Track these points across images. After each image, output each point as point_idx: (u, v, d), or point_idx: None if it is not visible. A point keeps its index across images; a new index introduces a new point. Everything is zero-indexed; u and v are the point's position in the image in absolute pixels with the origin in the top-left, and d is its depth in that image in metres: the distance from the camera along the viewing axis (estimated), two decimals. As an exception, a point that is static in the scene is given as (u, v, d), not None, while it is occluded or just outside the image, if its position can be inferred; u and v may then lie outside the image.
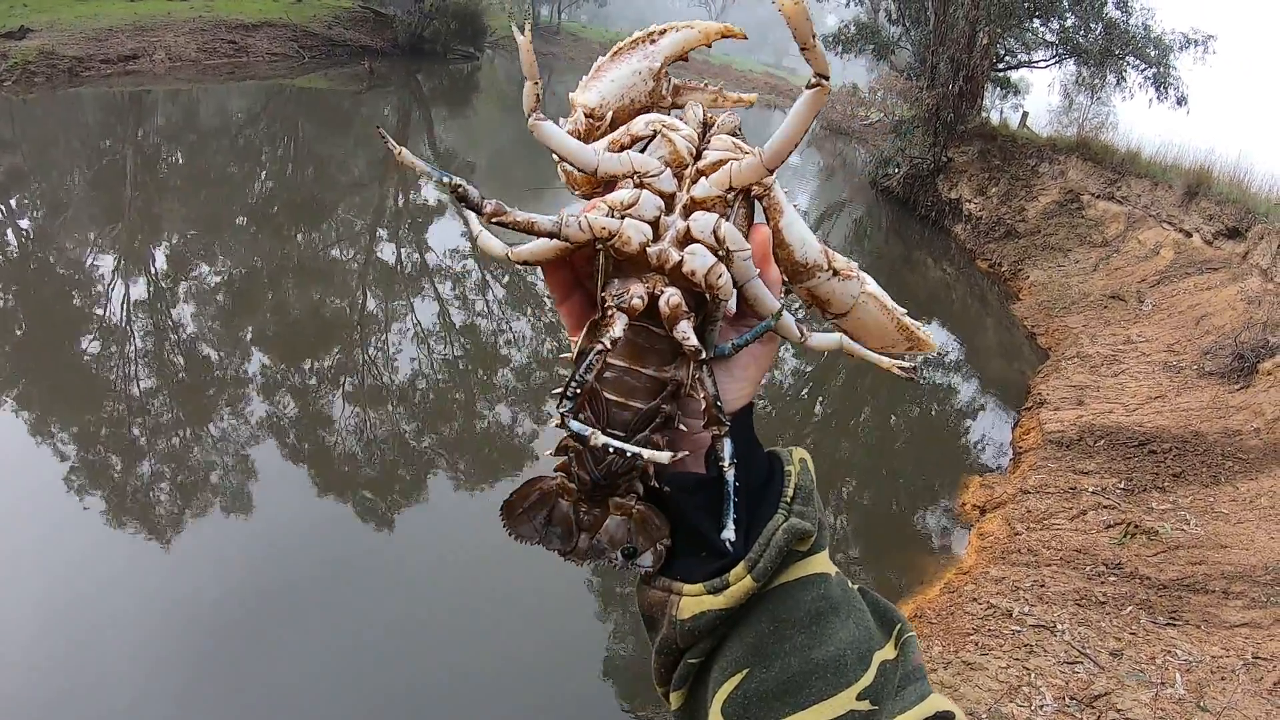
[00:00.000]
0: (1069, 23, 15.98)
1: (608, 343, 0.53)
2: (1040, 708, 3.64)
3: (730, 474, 0.54)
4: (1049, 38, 16.52)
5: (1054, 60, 16.92)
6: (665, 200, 0.56)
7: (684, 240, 0.55)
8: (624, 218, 0.54)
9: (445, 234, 11.52)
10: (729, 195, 0.56)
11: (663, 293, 0.54)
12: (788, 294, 0.61)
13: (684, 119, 0.60)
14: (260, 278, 9.38)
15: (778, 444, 0.61)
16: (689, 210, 0.56)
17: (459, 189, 0.52)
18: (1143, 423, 6.79)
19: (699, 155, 0.58)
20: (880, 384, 8.15)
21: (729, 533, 0.53)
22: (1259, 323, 7.67)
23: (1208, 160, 10.94)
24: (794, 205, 0.58)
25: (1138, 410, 7.06)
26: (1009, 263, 12.15)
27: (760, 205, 0.58)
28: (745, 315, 0.59)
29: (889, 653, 0.55)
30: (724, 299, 0.55)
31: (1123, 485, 5.87)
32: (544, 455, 0.67)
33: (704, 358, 0.54)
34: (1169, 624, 4.28)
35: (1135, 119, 15.76)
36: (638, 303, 0.54)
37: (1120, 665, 3.95)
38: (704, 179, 0.56)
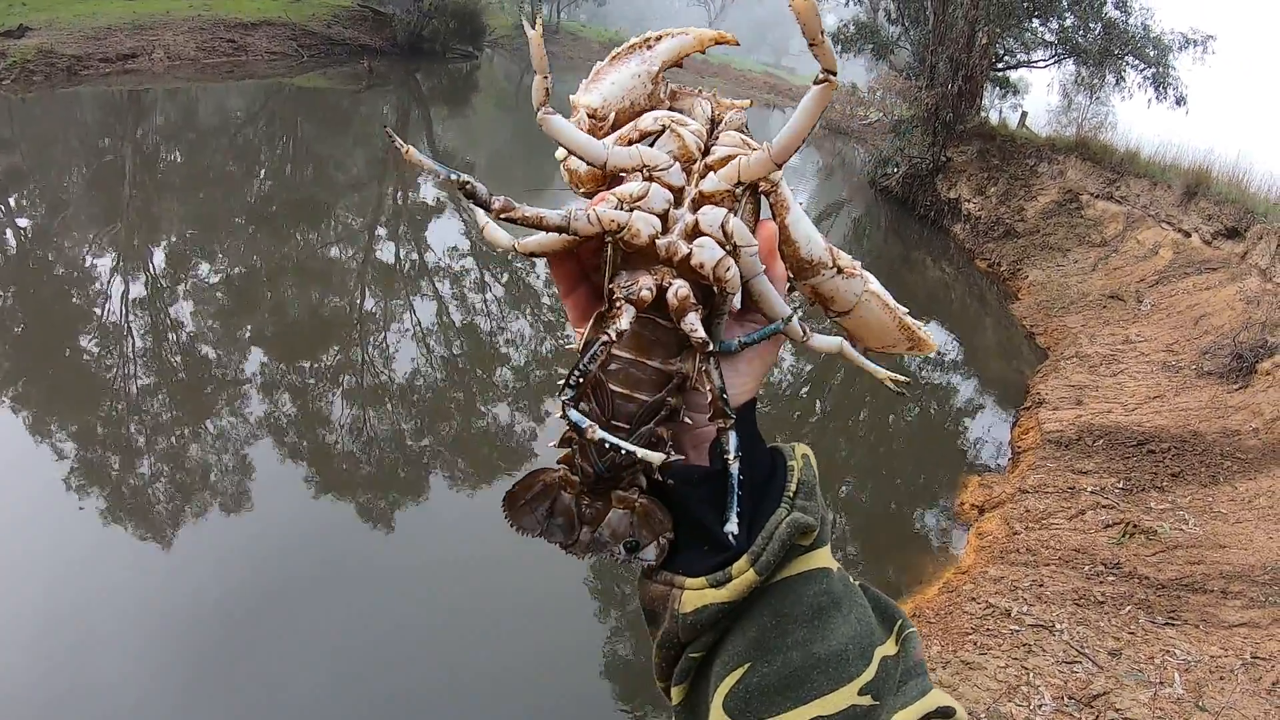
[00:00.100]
0: (1068, 22, 15.98)
1: (614, 334, 0.53)
2: (1039, 707, 3.65)
3: (735, 467, 0.54)
4: (1048, 37, 16.52)
5: (1053, 60, 16.92)
6: (674, 194, 0.56)
7: (692, 234, 0.55)
8: (633, 210, 0.55)
9: (444, 233, 11.52)
10: (737, 190, 0.56)
11: (671, 285, 0.55)
12: (792, 290, 0.61)
13: (692, 115, 0.60)
14: (259, 277, 9.36)
15: (777, 442, 0.61)
16: (697, 204, 0.56)
17: (468, 185, 0.52)
18: (1141, 422, 6.79)
19: (707, 150, 0.58)
20: (879, 384, 8.14)
21: (732, 525, 0.53)
22: (1258, 323, 7.68)
23: (1207, 160, 10.95)
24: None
25: (1136, 410, 7.06)
26: (1008, 262, 12.15)
27: (767, 201, 0.59)
28: (749, 311, 0.59)
29: (890, 648, 0.55)
30: (731, 293, 0.56)
31: (1121, 485, 5.87)
32: (546, 448, 0.67)
33: (711, 350, 0.54)
34: (1167, 624, 4.28)
35: (1134, 119, 15.81)
36: (646, 294, 0.54)
37: (1119, 665, 3.95)
38: (712, 174, 0.56)
